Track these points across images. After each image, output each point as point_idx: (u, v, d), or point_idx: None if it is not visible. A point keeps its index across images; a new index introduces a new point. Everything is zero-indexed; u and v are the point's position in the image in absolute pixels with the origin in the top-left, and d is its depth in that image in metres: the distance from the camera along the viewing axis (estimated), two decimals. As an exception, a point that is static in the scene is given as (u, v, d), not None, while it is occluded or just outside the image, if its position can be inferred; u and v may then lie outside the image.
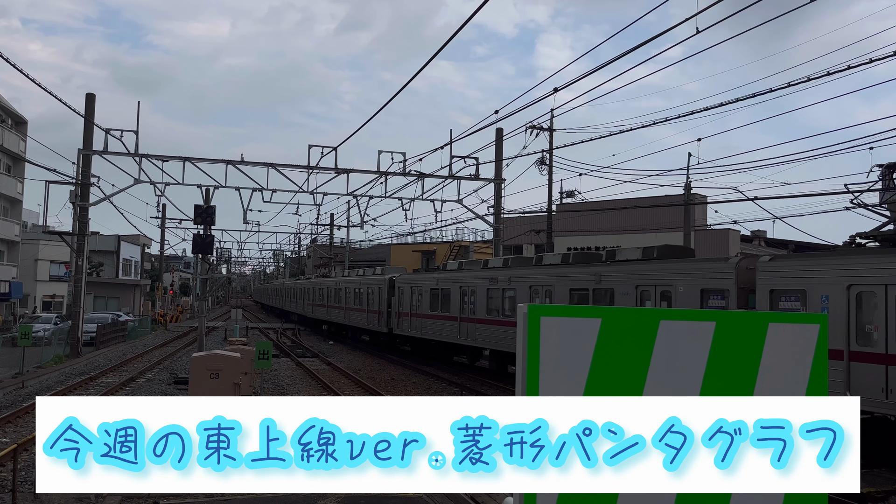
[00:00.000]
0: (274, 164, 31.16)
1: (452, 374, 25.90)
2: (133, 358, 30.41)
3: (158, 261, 70.24)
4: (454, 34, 12.96)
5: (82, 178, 30.68)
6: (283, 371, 26.37)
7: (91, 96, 31.44)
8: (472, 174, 32.57)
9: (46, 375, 24.58)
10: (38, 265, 57.31)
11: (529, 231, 36.75)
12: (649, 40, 16.04)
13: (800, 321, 3.08)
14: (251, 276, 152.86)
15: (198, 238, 27.64)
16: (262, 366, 18.94)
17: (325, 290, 44.88)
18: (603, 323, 2.89)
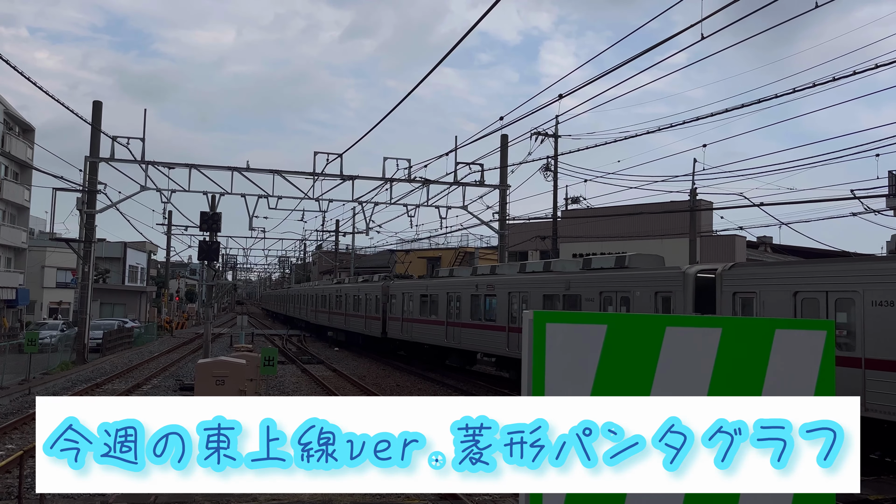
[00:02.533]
0: (279, 171, 31.24)
1: (458, 381, 25.87)
2: (139, 364, 30.46)
3: (164, 267, 70.45)
4: (459, 41, 12.99)
5: (89, 186, 30.82)
6: (289, 377, 26.36)
7: (98, 104, 31.59)
8: (478, 180, 32.58)
9: (53, 382, 24.64)
10: (45, 272, 57.54)
11: (535, 237, 36.73)
12: (654, 47, 16.06)
13: (806, 327, 3.06)
14: (257, 282, 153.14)
15: (204, 245, 27.73)
16: (267, 372, 18.94)
17: (328, 296, 45.95)
18: (609, 329, 2.88)
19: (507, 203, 33.57)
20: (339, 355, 36.94)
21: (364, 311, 35.92)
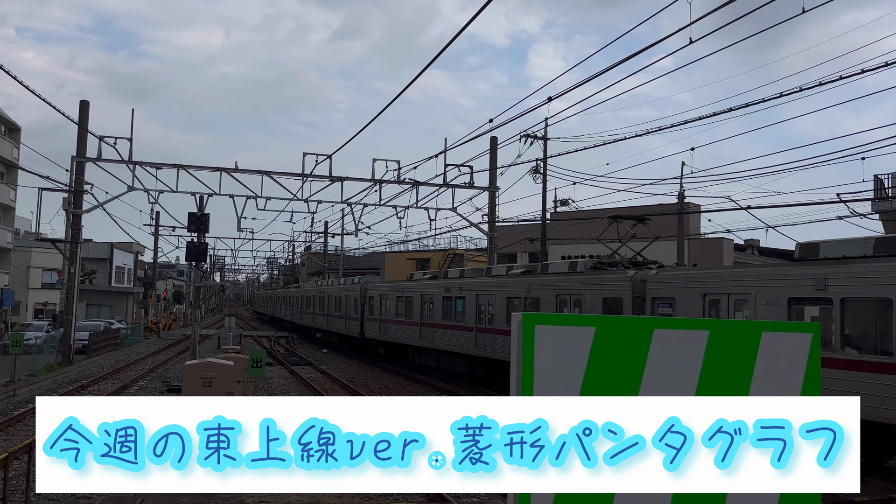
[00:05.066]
0: (268, 172, 31.15)
1: (446, 383, 25.89)
2: (126, 366, 30.26)
3: (152, 268, 70.01)
4: (448, 44, 13.03)
5: (76, 186, 30.59)
6: (277, 379, 26.28)
7: (85, 104, 31.37)
8: (467, 182, 32.61)
9: (38, 384, 24.43)
10: (31, 272, 57.03)
11: (524, 239, 36.80)
12: (642, 51, 16.14)
13: (792, 330, 3.09)
14: (245, 283, 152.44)
15: (191, 246, 27.59)
16: (255, 374, 18.88)
17: (312, 298, 47.60)
18: (597, 331, 2.90)
19: (497, 205, 33.62)
20: (327, 357, 36.86)
21: (345, 312, 37.35)
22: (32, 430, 15.75)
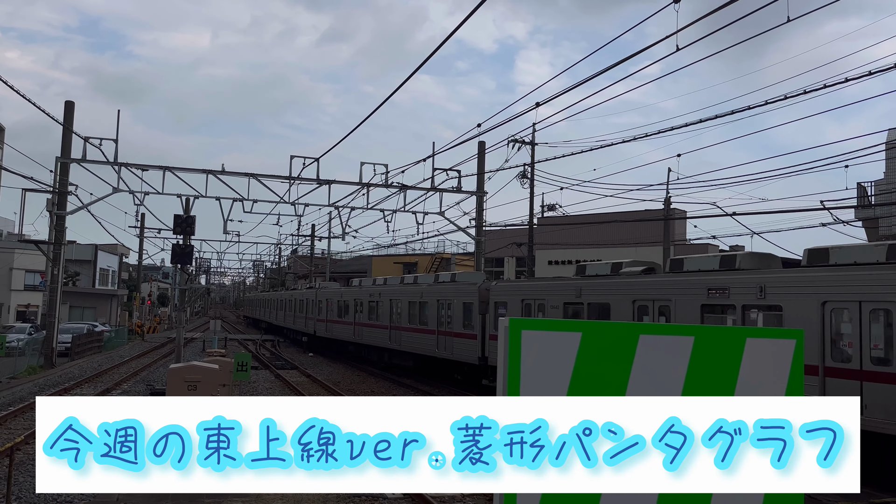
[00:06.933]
0: (255, 175, 31.02)
1: (432, 388, 25.86)
2: (109, 369, 29.97)
3: (136, 271, 69.43)
4: (436, 49, 13.04)
5: (60, 187, 30.30)
6: (262, 383, 26.13)
7: (70, 104, 31.10)
8: (455, 187, 32.63)
9: (20, 386, 24.14)
10: (13, 274, 56.35)
11: (511, 244, 36.87)
12: (628, 57, 16.25)
13: (776, 336, 3.11)
14: (231, 286, 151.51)
15: (177, 248, 27.36)
16: (240, 377, 18.79)
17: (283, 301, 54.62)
18: (583, 337, 2.91)
19: (484, 209, 33.68)
20: (313, 361, 36.70)
21: (305, 313, 43.76)
22: (13, 433, 15.57)
